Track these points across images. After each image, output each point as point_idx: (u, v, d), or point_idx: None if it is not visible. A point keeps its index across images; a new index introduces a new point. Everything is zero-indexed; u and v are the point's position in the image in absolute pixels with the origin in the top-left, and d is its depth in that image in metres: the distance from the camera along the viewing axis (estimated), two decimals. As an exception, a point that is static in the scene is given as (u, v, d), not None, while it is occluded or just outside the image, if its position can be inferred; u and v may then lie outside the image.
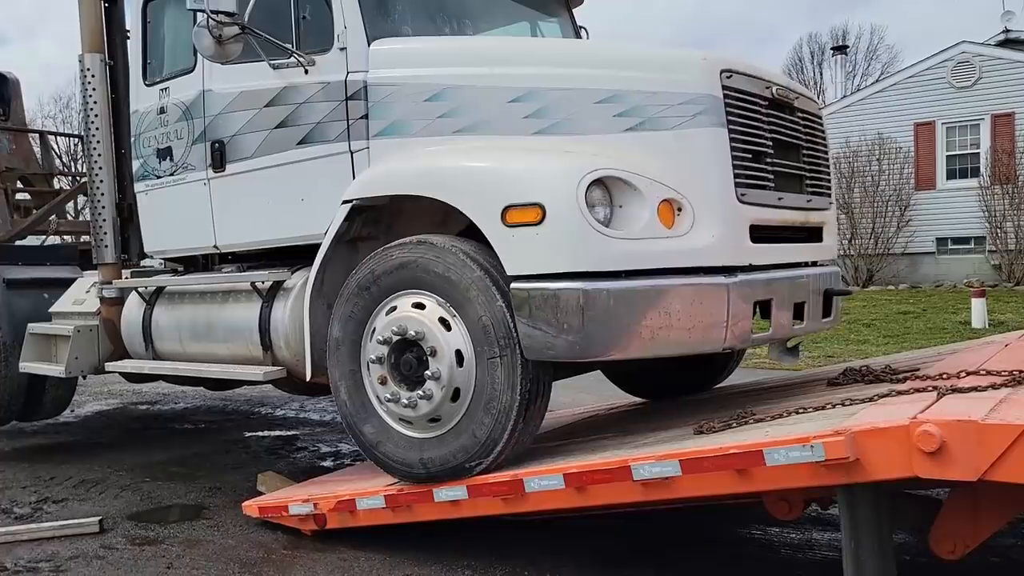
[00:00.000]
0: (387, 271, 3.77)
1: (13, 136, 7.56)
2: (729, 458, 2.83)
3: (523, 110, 3.75)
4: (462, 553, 3.79)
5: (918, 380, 3.45)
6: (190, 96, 4.78)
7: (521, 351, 3.38)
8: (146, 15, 5.14)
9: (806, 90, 4.36)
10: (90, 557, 3.94)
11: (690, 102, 3.51)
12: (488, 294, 3.45)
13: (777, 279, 3.77)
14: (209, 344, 4.79)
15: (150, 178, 5.12)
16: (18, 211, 7.30)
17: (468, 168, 3.70)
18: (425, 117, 3.97)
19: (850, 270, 18.38)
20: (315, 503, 4.00)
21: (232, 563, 3.80)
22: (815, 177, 4.19)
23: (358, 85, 4.12)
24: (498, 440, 3.47)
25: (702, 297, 3.38)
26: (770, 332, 3.77)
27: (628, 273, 3.31)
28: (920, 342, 10.12)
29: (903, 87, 18.90)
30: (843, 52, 32.70)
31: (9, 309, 6.12)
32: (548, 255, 3.30)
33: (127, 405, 8.48)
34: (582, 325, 3.23)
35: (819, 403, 3.28)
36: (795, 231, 4.06)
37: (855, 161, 18.47)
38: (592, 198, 3.32)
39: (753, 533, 4.12)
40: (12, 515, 4.70)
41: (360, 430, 3.89)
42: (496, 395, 3.45)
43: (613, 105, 3.61)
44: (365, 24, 4.17)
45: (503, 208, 3.38)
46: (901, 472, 2.52)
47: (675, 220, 3.45)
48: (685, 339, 3.37)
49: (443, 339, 3.57)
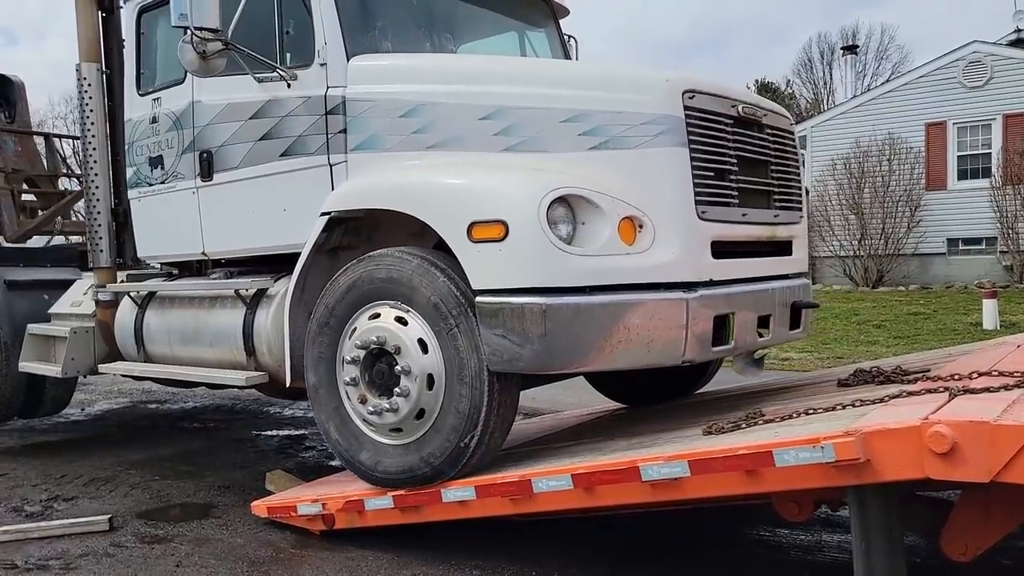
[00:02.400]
0: (339, 299, 3.91)
1: (18, 138, 7.64)
2: (739, 459, 2.81)
3: (492, 127, 3.84)
4: (470, 553, 3.79)
5: (929, 381, 3.42)
6: (180, 107, 4.90)
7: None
8: (140, 26, 5.27)
9: (776, 107, 4.43)
10: (100, 555, 3.95)
11: (652, 122, 3.58)
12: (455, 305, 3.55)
13: (739, 293, 3.84)
14: (196, 348, 4.91)
15: (143, 185, 5.25)
16: (24, 212, 7.39)
17: (437, 184, 3.79)
18: (400, 132, 4.07)
19: (860, 271, 18.31)
20: (323, 503, 4.00)
21: (241, 562, 3.81)
22: (784, 192, 4.26)
23: (337, 100, 4.23)
24: (480, 408, 3.53)
25: (660, 312, 3.46)
26: (731, 345, 3.82)
27: (590, 288, 3.40)
28: (931, 343, 10.07)
29: (914, 87, 18.80)
30: (853, 52, 32.60)
31: (10, 310, 6.26)
32: (511, 270, 3.40)
33: (136, 403, 8.51)
34: (543, 338, 3.32)
35: (829, 404, 3.26)
36: (762, 245, 4.15)
37: (865, 161, 18.38)
38: (554, 215, 3.40)
39: (762, 534, 4.11)
40: (23, 513, 4.72)
41: (358, 460, 3.94)
42: (466, 364, 3.54)
43: (578, 124, 3.69)
44: (345, 40, 4.29)
45: (469, 224, 3.48)
46: (912, 473, 2.50)
47: (636, 237, 3.53)
48: (644, 352, 3.47)
49: (404, 334, 3.68)
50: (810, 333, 4.88)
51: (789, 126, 4.41)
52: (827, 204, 18.65)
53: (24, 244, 7.33)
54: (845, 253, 18.44)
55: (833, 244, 18.52)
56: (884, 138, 18.33)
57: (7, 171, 7.25)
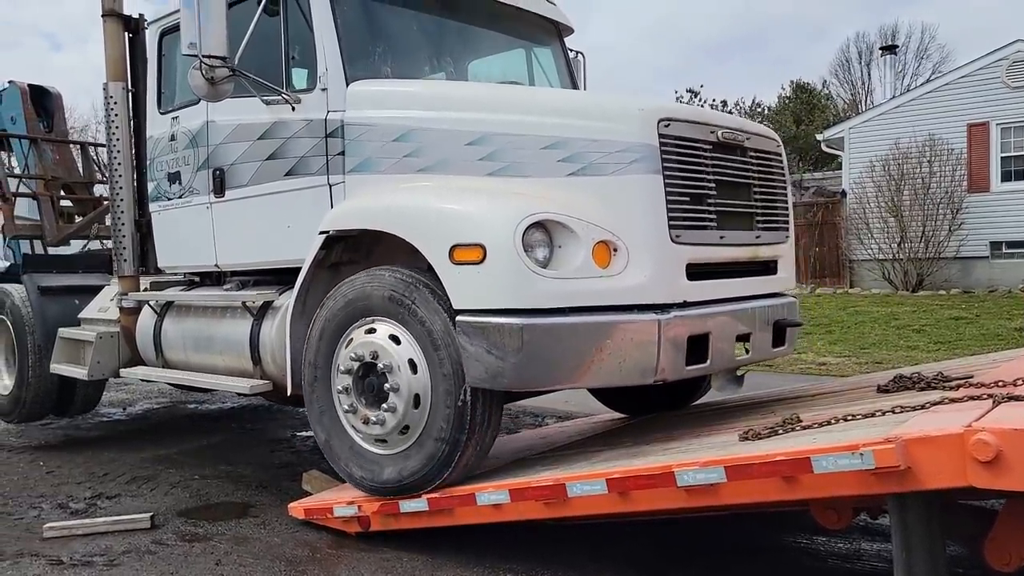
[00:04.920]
0: (338, 310, 4.08)
1: (56, 147, 7.94)
2: (776, 465, 2.79)
3: (478, 153, 4.00)
4: (504, 556, 3.80)
5: (972, 387, 3.36)
6: (196, 126, 5.14)
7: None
8: (161, 48, 5.54)
9: (762, 130, 4.53)
10: (142, 552, 4.04)
11: (627, 150, 3.70)
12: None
13: (715, 314, 3.93)
14: (209, 355, 5.14)
15: (162, 199, 5.54)
16: (62, 217, 7.68)
17: (423, 207, 3.95)
18: (393, 156, 4.26)
19: (899, 274, 17.97)
20: (359, 505, 4.04)
21: (278, 561, 3.87)
22: (768, 213, 4.37)
23: (336, 123, 4.41)
24: (462, 426, 3.67)
25: (633, 333, 3.58)
26: (708, 364, 3.89)
27: (568, 309, 3.52)
28: (973, 348, 9.85)
29: (955, 87, 18.41)
30: (892, 52, 32.04)
31: (43, 314, 6.57)
32: (489, 292, 3.55)
33: (176, 403, 8.67)
34: (520, 357, 3.46)
35: (868, 410, 3.22)
36: (743, 265, 4.26)
37: (905, 163, 18.04)
38: (530, 240, 3.54)
39: (800, 541, 4.06)
40: (68, 510, 4.85)
41: (346, 464, 4.11)
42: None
43: (558, 151, 3.82)
44: (344, 67, 4.47)
45: (451, 247, 3.64)
46: (955, 481, 2.46)
47: (611, 260, 3.66)
48: (617, 372, 3.59)
49: (396, 354, 3.85)
50: (850, 340, 4.85)
51: (775, 148, 4.52)
52: (865, 207, 18.34)
53: (57, 251, 7.75)
54: (884, 256, 18.10)
55: (872, 247, 18.19)
56: (924, 139, 17.96)
57: (47, 178, 7.60)
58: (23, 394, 6.69)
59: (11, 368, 6.90)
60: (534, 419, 7.09)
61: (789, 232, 4.62)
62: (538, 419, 7.07)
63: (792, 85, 39.09)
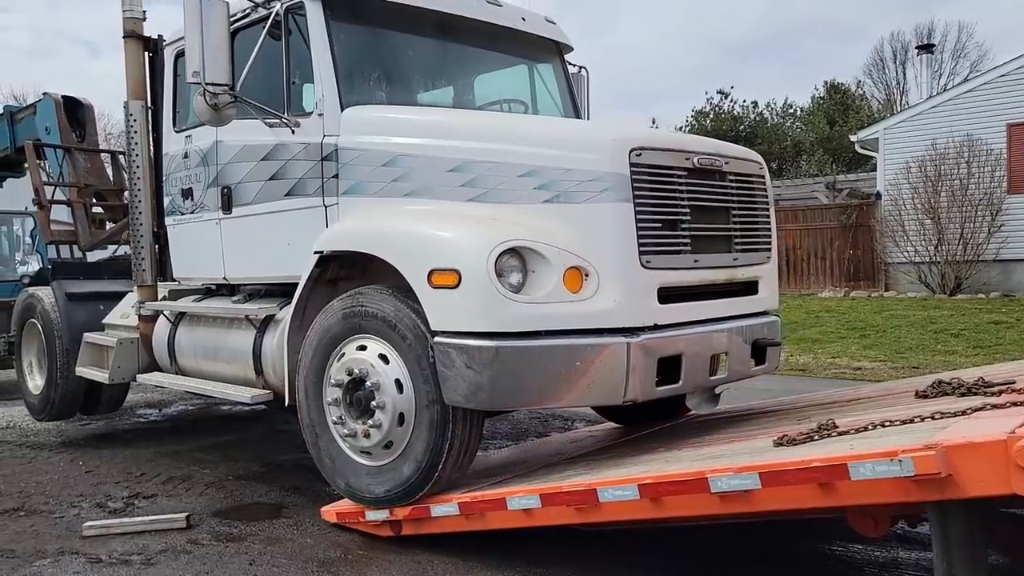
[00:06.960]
0: (331, 325, 4.21)
1: (88, 155, 8.19)
2: (811, 471, 2.75)
3: (459, 179, 4.13)
4: (535, 561, 3.79)
5: (1015, 393, 3.29)
6: (206, 145, 5.33)
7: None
8: (176, 69, 5.73)
9: (743, 153, 4.57)
10: (178, 551, 4.10)
11: (598, 179, 3.81)
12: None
13: (687, 336, 4.00)
14: (217, 364, 5.36)
15: (176, 214, 5.77)
16: (93, 223, 7.92)
17: (406, 232, 4.09)
18: (382, 180, 4.40)
19: (936, 277, 17.62)
20: (391, 509, 4.06)
21: (311, 562, 3.90)
22: (747, 236, 4.44)
23: (331, 148, 4.56)
24: (442, 445, 3.84)
25: (602, 356, 3.69)
26: (679, 384, 3.97)
27: (541, 332, 3.65)
28: (1014, 353, 9.64)
29: (994, 86, 18.01)
30: (929, 51, 31.46)
31: (69, 320, 6.89)
32: (464, 315, 3.69)
33: (210, 405, 8.77)
34: (493, 378, 3.60)
35: (907, 416, 3.16)
36: (721, 287, 4.31)
37: (942, 164, 17.69)
38: (503, 265, 3.67)
39: (834, 549, 4.00)
40: (107, 509, 4.93)
41: (333, 472, 4.29)
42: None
43: (533, 179, 3.94)
44: (340, 93, 4.61)
45: (429, 271, 3.78)
46: (997, 489, 2.41)
47: (582, 285, 3.77)
48: (587, 393, 3.73)
49: (384, 373, 3.99)
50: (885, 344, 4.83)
51: (757, 171, 4.58)
52: (901, 209, 18.03)
53: (84, 258, 8.13)
54: (920, 259, 17.77)
55: (907, 250, 17.87)
56: (962, 140, 17.61)
57: (80, 186, 7.83)
58: (52, 394, 7.03)
59: (42, 369, 7.24)
60: (564, 423, 7.08)
61: (771, 253, 4.70)
62: (568, 423, 7.05)
63: (826, 85, 38.59)
